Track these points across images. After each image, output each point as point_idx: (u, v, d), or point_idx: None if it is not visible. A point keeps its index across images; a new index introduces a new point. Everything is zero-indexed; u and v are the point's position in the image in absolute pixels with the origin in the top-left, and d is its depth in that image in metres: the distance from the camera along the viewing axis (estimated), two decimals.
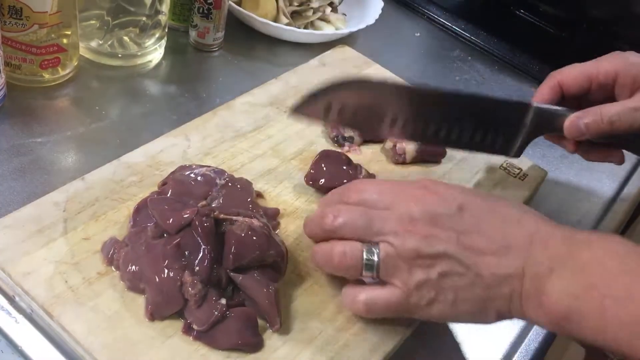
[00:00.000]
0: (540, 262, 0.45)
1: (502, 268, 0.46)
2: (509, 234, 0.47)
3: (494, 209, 0.49)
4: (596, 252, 0.45)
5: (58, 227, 0.51)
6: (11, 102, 0.64)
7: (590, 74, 0.58)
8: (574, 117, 0.58)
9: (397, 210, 0.48)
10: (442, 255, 0.47)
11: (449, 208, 0.48)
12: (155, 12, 0.71)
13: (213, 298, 0.48)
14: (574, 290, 0.44)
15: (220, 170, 0.57)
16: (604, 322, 0.42)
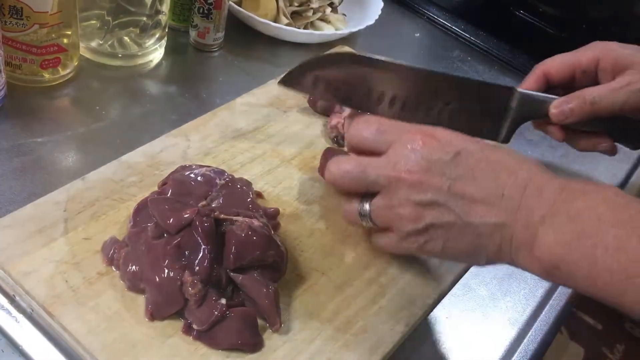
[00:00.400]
0: (532, 211, 0.46)
1: (493, 216, 0.46)
2: (503, 182, 0.47)
3: (491, 157, 0.49)
4: (590, 201, 0.45)
5: (58, 227, 0.51)
6: (12, 102, 0.64)
7: (573, 62, 0.60)
8: (559, 101, 0.59)
9: (392, 156, 0.49)
10: (432, 203, 0.47)
11: (445, 154, 0.48)
12: (156, 12, 0.71)
13: (213, 298, 0.48)
14: (565, 239, 0.44)
15: (220, 171, 0.57)
16: (594, 272, 0.42)
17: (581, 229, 0.43)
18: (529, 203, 0.46)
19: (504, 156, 0.49)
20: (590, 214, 0.44)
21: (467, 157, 0.48)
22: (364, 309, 0.53)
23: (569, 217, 0.44)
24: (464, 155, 0.48)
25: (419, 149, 0.48)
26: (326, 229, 0.58)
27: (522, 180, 0.47)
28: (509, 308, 0.61)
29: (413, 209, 0.48)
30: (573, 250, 0.43)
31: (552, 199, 0.46)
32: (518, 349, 0.59)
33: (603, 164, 0.81)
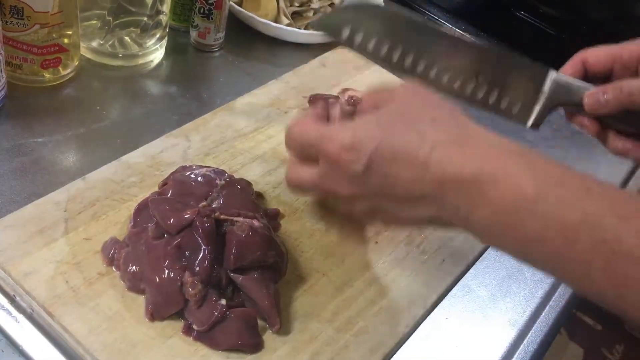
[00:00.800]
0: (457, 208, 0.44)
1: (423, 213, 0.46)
2: (418, 180, 0.45)
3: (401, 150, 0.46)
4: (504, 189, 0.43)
5: (59, 227, 0.51)
6: (12, 101, 0.64)
7: (614, 53, 0.58)
8: (594, 90, 0.57)
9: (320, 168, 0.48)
10: (366, 209, 0.48)
11: (357, 166, 0.46)
12: (156, 13, 0.71)
13: (213, 298, 0.48)
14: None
15: (221, 171, 0.57)
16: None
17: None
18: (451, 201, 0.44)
19: (413, 140, 0.46)
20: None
21: (378, 162, 0.46)
22: (364, 310, 0.53)
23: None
24: (375, 161, 0.46)
25: (333, 162, 0.47)
26: (327, 230, 0.58)
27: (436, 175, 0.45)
28: (508, 309, 0.61)
29: (360, 214, 0.49)
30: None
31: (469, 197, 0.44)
32: (518, 350, 0.59)
33: (603, 165, 0.81)
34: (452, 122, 0.48)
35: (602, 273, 0.40)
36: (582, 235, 0.40)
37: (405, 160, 0.46)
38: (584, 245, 0.40)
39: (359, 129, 0.48)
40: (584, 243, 0.40)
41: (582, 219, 0.40)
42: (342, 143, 0.47)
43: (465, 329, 0.57)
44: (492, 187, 0.43)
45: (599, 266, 0.40)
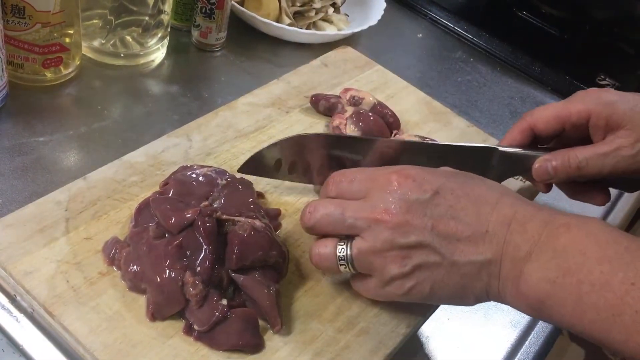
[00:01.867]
0: (518, 247, 0.45)
1: (479, 255, 0.46)
2: (485, 218, 0.46)
3: (470, 192, 0.48)
4: (575, 236, 0.44)
5: (60, 227, 0.51)
6: (13, 101, 0.64)
7: (563, 116, 0.57)
8: (542, 159, 0.57)
9: (370, 199, 0.48)
10: (417, 245, 0.46)
11: (423, 193, 0.47)
12: (158, 12, 0.71)
13: (214, 298, 0.48)
14: (551, 275, 0.43)
15: (222, 171, 0.57)
16: (580, 309, 0.42)
17: (566, 266, 0.43)
18: (514, 239, 0.45)
19: (484, 190, 0.48)
20: (575, 249, 0.43)
21: (445, 195, 0.47)
22: (365, 311, 0.53)
23: (554, 253, 0.44)
24: (443, 193, 0.47)
25: (395, 190, 0.47)
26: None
27: (505, 215, 0.46)
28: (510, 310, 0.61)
29: (398, 252, 0.47)
30: (558, 287, 0.43)
31: (537, 234, 0.45)
32: (520, 351, 0.59)
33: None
34: None
35: None
36: None
37: (474, 198, 0.47)
38: None
39: (425, 171, 0.49)
40: None
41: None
42: (409, 173, 0.48)
43: (467, 330, 0.57)
44: (563, 231, 0.44)
45: None
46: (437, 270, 0.47)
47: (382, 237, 0.47)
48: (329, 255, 0.49)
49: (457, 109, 0.82)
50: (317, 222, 0.49)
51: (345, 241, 0.49)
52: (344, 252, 0.49)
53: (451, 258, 0.46)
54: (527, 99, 0.89)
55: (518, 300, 0.45)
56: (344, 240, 0.49)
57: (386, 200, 0.47)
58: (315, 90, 0.72)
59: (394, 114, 0.70)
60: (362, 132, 0.67)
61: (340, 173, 0.52)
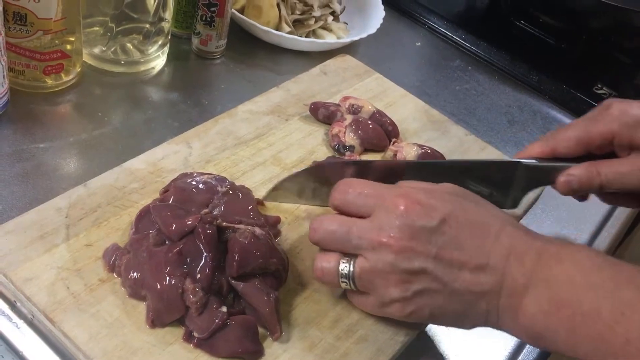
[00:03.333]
0: (515, 279, 0.46)
1: (479, 285, 0.46)
2: (487, 250, 0.47)
3: (474, 220, 0.48)
4: (565, 266, 0.45)
5: (60, 233, 0.52)
6: (14, 107, 0.65)
7: (585, 140, 0.56)
8: (567, 174, 0.56)
9: (377, 220, 0.48)
10: (420, 271, 0.47)
11: (430, 220, 0.47)
12: (159, 20, 0.72)
13: (214, 306, 0.48)
14: (545, 308, 0.44)
15: (222, 178, 0.57)
16: (574, 340, 0.43)
17: (558, 298, 0.44)
18: (512, 271, 0.46)
19: (487, 218, 0.49)
20: (565, 280, 0.44)
21: (451, 224, 0.47)
22: (364, 318, 0.53)
23: (547, 284, 0.45)
24: (449, 221, 0.47)
25: (403, 215, 0.47)
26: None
27: (505, 247, 0.47)
28: None
29: (400, 276, 0.47)
30: (553, 319, 0.44)
31: (532, 266, 0.46)
32: (520, 354, 0.59)
33: None
34: None
35: None
36: None
37: (478, 229, 0.48)
38: None
39: (432, 196, 0.49)
40: None
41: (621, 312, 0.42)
42: (417, 198, 0.48)
43: (467, 337, 0.57)
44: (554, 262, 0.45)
45: None
46: (438, 297, 0.47)
47: (385, 260, 0.47)
48: (332, 270, 0.49)
49: (456, 117, 0.82)
50: (322, 239, 0.50)
51: (349, 258, 0.49)
52: (347, 270, 0.49)
53: (452, 286, 0.47)
54: (524, 108, 0.90)
55: (517, 330, 0.47)
56: (347, 257, 0.49)
57: (392, 223, 0.47)
58: (315, 98, 0.73)
59: (393, 122, 0.71)
60: (361, 140, 0.68)
61: (347, 183, 0.51)
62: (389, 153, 0.68)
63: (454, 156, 0.71)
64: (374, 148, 0.69)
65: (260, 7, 0.82)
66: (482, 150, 0.74)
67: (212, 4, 0.75)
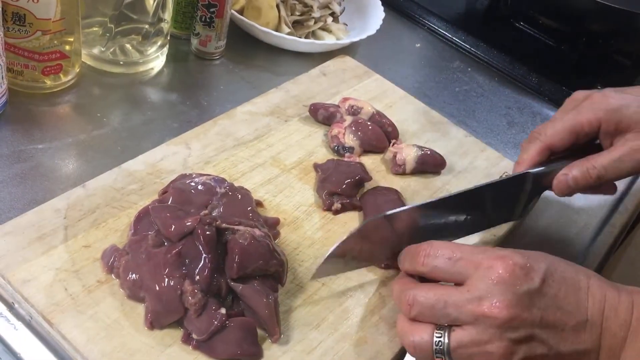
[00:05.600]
0: (614, 334, 0.45)
1: (582, 344, 0.45)
2: (584, 305, 0.46)
3: (565, 275, 0.47)
4: None
5: (58, 234, 0.51)
6: (13, 108, 0.64)
7: (576, 129, 0.57)
8: (562, 175, 0.57)
9: (474, 289, 0.45)
10: (526, 339, 0.45)
11: (531, 282, 0.45)
12: (158, 20, 0.72)
13: (213, 307, 0.48)
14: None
15: (221, 179, 0.57)
16: None
17: None
18: (610, 326, 0.45)
19: (573, 273, 0.47)
20: None
21: (550, 283, 0.46)
22: (363, 320, 0.53)
23: None
24: (548, 281, 0.46)
25: (503, 280, 0.45)
26: (326, 239, 0.58)
27: (599, 301, 0.46)
28: None
29: (506, 347, 0.44)
30: None
31: (628, 318, 0.45)
32: None
33: None
34: None
35: None
36: None
37: (571, 285, 0.46)
38: None
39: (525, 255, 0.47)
40: None
41: None
42: (515, 261, 0.46)
43: None
44: None
45: None
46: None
47: (489, 332, 0.44)
48: (426, 345, 0.46)
49: (455, 118, 0.82)
50: (419, 314, 0.47)
51: (443, 331, 0.46)
52: (442, 345, 0.46)
53: (557, 348, 0.45)
54: (524, 109, 0.89)
55: None
56: (441, 328, 0.46)
57: (493, 291, 0.45)
58: (314, 99, 0.73)
59: (392, 123, 0.71)
60: (360, 142, 0.68)
61: (434, 246, 0.49)
62: (388, 154, 0.68)
63: (453, 158, 0.71)
64: (374, 149, 0.69)
65: (259, 8, 0.82)
66: (482, 151, 0.74)
67: (211, 4, 0.75)
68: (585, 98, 0.59)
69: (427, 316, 0.46)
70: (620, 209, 0.78)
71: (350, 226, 0.60)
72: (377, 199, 0.62)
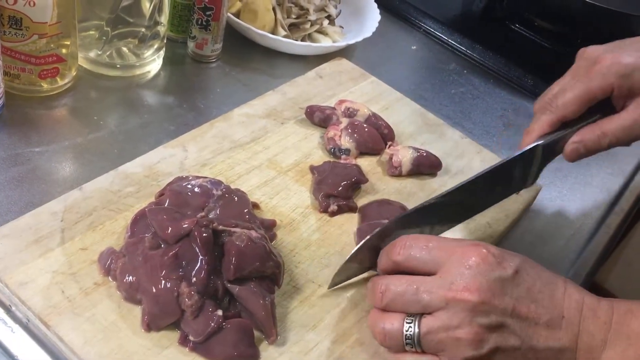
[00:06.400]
0: (592, 335, 0.45)
1: (557, 341, 0.45)
2: (559, 303, 0.45)
3: (541, 274, 0.47)
4: None
5: (55, 237, 0.51)
6: (9, 111, 0.65)
7: (588, 97, 0.56)
8: (572, 142, 0.57)
9: (446, 275, 0.45)
10: (497, 326, 0.44)
11: (504, 271, 0.45)
12: (154, 24, 0.72)
13: (209, 309, 0.48)
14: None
15: (217, 181, 0.57)
16: None
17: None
18: (588, 326, 0.45)
19: (549, 273, 0.47)
20: None
21: (524, 276, 0.45)
22: (360, 322, 0.53)
23: (629, 340, 0.44)
24: (522, 273, 0.45)
25: (476, 266, 0.45)
26: (322, 241, 0.59)
27: (577, 300, 0.46)
28: None
29: (476, 332, 0.44)
30: None
31: (608, 320, 0.45)
32: None
33: (597, 177, 0.82)
34: None
35: None
36: None
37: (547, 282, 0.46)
38: None
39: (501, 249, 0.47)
40: None
41: None
42: (489, 250, 0.46)
43: None
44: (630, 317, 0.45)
45: None
46: (514, 355, 0.45)
47: (459, 317, 0.44)
48: (396, 333, 0.46)
49: (451, 120, 0.82)
50: (391, 301, 0.47)
51: (413, 318, 0.46)
52: (412, 331, 0.45)
53: (530, 343, 0.44)
54: (520, 111, 0.90)
55: None
56: (412, 317, 0.46)
57: (464, 275, 0.45)
58: (311, 102, 0.73)
59: (389, 125, 0.71)
60: (356, 144, 0.68)
61: (412, 238, 0.49)
62: (384, 156, 0.69)
63: (449, 159, 0.71)
64: (370, 151, 0.69)
65: (255, 11, 0.82)
66: (478, 153, 0.74)
67: (207, 7, 0.75)
68: (596, 62, 0.56)
69: (399, 303, 0.46)
70: (615, 210, 0.79)
71: (347, 228, 0.61)
72: (381, 209, 0.62)
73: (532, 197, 0.70)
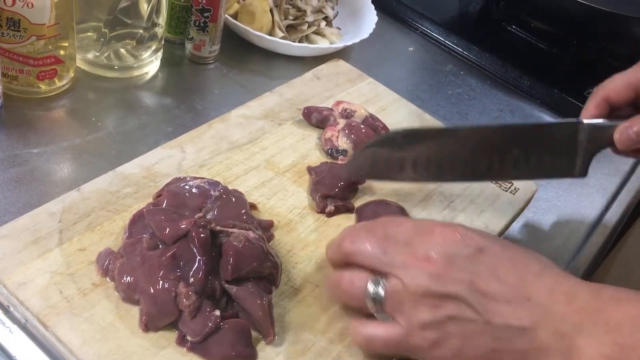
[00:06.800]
0: (563, 318, 0.44)
1: (517, 319, 0.44)
2: (528, 284, 0.45)
3: (514, 258, 0.47)
4: (628, 310, 0.43)
5: (53, 238, 0.52)
6: (7, 112, 0.65)
7: (635, 82, 0.56)
8: (622, 128, 0.55)
9: (413, 243, 0.47)
10: (453, 296, 0.45)
11: (466, 248, 0.46)
12: (152, 25, 0.72)
13: (207, 309, 0.48)
14: (607, 351, 0.42)
15: (215, 182, 0.57)
16: None
17: (622, 341, 0.42)
18: (558, 309, 0.44)
19: (528, 259, 0.47)
20: (630, 323, 0.42)
21: (489, 256, 0.46)
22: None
23: (607, 327, 0.43)
24: (487, 253, 0.46)
25: (439, 241, 0.46)
26: (320, 241, 0.59)
27: (549, 285, 0.45)
28: None
29: (432, 299, 0.45)
30: None
31: (585, 306, 0.44)
32: None
33: (593, 178, 0.82)
34: None
35: None
36: None
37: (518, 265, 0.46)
38: None
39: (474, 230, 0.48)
40: None
41: None
42: (455, 228, 0.47)
43: None
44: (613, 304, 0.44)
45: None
46: (470, 327, 0.45)
47: (417, 281, 0.46)
48: (360, 287, 0.48)
49: (448, 121, 0.83)
50: (357, 251, 0.48)
51: (379, 278, 0.48)
52: (375, 289, 0.47)
53: (486, 317, 0.44)
54: (516, 112, 0.90)
55: None
56: (377, 276, 0.48)
57: (427, 248, 0.46)
58: (308, 103, 0.73)
59: (386, 126, 0.71)
60: (353, 145, 0.68)
61: (390, 218, 0.52)
62: None
63: None
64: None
65: (253, 13, 0.82)
66: None
67: (205, 9, 0.75)
68: None
69: (363, 256, 0.48)
70: (612, 210, 0.79)
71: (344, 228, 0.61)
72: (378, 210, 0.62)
73: (529, 197, 0.71)
